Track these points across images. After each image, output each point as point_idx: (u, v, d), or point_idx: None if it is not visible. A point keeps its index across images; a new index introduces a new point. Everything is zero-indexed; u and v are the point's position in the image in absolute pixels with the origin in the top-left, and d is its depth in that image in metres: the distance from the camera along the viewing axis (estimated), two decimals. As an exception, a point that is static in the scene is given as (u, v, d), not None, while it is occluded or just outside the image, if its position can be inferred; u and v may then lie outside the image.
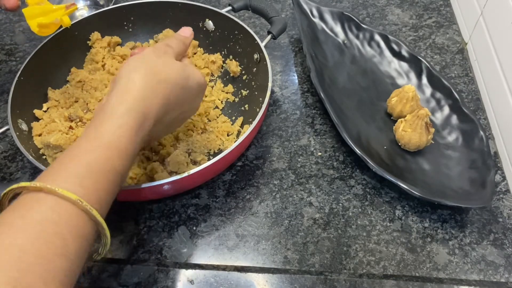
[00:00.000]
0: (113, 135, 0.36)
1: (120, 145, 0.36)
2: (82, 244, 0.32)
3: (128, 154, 0.37)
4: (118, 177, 0.36)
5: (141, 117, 0.38)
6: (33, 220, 0.30)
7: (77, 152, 0.35)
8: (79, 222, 0.32)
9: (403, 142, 0.57)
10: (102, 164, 0.35)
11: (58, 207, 0.31)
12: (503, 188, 0.56)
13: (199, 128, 0.59)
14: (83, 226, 0.32)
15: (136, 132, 0.38)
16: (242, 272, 0.49)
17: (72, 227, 0.31)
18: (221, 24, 0.65)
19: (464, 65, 0.70)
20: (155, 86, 0.39)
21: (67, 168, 0.34)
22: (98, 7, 0.82)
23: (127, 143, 0.37)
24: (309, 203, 0.54)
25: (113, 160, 0.36)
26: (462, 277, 0.48)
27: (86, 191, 0.33)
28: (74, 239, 0.31)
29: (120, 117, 0.37)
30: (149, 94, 0.39)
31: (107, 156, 0.35)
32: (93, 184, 0.34)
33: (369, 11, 0.80)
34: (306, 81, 0.69)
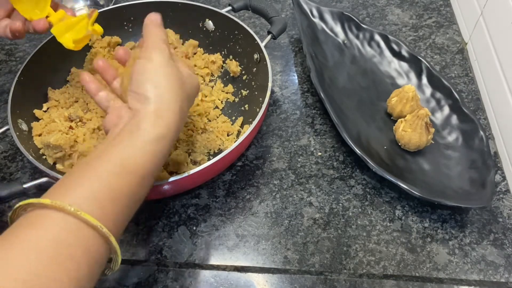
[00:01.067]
0: (138, 161, 0.34)
1: (144, 172, 0.35)
2: (95, 268, 0.31)
3: (149, 182, 0.36)
4: (136, 203, 0.35)
5: (170, 144, 0.37)
6: (46, 240, 0.29)
7: (97, 169, 0.33)
8: (95, 246, 0.31)
9: (403, 142, 0.57)
10: (123, 188, 0.33)
11: (75, 229, 0.30)
12: (503, 188, 0.56)
13: (199, 128, 0.59)
14: (98, 250, 0.31)
15: (161, 160, 0.37)
16: (242, 272, 0.49)
17: (87, 251, 0.30)
18: (221, 24, 0.65)
19: (464, 65, 0.70)
20: (182, 104, 0.38)
21: (85, 185, 0.32)
22: (98, 7, 0.82)
23: (150, 170, 0.36)
24: (309, 203, 0.54)
25: (133, 187, 0.34)
26: (462, 277, 0.48)
27: (104, 214, 0.31)
28: (87, 263, 0.30)
29: (150, 143, 0.35)
30: (179, 116, 0.38)
31: (129, 181, 0.34)
32: (111, 208, 0.32)
33: (369, 11, 0.80)
34: (306, 81, 0.69)
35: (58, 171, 0.53)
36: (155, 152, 0.35)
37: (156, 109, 0.36)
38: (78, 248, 0.30)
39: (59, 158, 0.54)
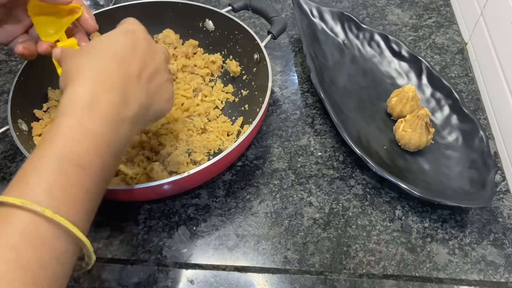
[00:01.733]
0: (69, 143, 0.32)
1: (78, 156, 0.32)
2: (42, 251, 0.29)
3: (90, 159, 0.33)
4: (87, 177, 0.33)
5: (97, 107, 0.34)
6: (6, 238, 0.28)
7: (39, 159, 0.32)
8: (53, 237, 0.29)
9: (403, 142, 0.57)
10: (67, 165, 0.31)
11: (25, 220, 0.29)
12: (503, 188, 0.56)
13: (199, 128, 0.59)
14: (53, 239, 0.29)
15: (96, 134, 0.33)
16: (242, 272, 0.49)
17: (47, 245, 0.29)
18: (221, 24, 0.65)
19: (464, 65, 0.70)
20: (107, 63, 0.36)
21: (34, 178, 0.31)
22: (98, 7, 0.82)
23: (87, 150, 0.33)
24: (309, 203, 0.54)
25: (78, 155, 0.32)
26: (462, 277, 0.48)
27: (56, 201, 0.30)
28: (30, 249, 0.28)
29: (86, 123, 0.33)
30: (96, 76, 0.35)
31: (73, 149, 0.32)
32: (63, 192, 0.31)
33: (369, 11, 0.80)
34: (306, 81, 0.69)
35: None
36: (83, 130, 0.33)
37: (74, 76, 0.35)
38: (38, 244, 0.29)
39: (59, 158, 0.54)
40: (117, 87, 0.35)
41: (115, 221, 0.52)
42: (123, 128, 0.35)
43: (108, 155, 0.34)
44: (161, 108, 0.40)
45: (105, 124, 0.33)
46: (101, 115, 0.33)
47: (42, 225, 0.29)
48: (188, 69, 0.66)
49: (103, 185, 0.34)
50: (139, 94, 0.36)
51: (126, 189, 0.46)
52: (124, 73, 0.36)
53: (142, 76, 0.37)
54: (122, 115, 0.35)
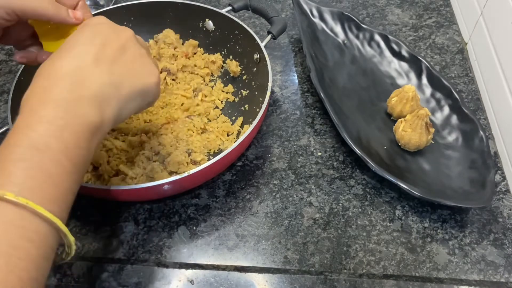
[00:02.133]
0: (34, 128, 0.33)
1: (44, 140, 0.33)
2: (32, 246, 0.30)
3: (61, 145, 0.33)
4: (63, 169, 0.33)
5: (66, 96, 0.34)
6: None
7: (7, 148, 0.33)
8: (21, 221, 0.30)
9: (403, 142, 0.57)
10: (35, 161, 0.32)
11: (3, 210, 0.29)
12: (503, 188, 0.56)
13: (199, 128, 0.59)
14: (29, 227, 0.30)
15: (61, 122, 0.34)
16: (242, 272, 0.49)
17: (16, 226, 0.30)
18: (221, 24, 0.65)
19: (464, 65, 0.70)
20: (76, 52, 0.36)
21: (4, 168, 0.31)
22: (98, 7, 0.82)
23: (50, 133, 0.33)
24: (309, 203, 0.54)
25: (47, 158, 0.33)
26: (462, 277, 0.48)
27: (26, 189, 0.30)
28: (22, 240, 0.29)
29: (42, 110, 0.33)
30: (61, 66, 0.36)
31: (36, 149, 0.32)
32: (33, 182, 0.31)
33: (369, 11, 0.80)
34: (306, 81, 0.69)
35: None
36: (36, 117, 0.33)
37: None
38: (2, 225, 0.29)
39: (59, 158, 0.54)
40: (67, 75, 0.35)
41: (115, 221, 0.52)
42: (82, 108, 0.35)
43: (68, 137, 0.34)
44: (143, 82, 0.40)
45: (56, 108, 0.34)
46: (52, 101, 0.34)
47: (6, 208, 0.30)
48: (188, 69, 0.66)
49: (73, 167, 0.34)
50: (98, 75, 0.37)
51: (126, 189, 0.46)
52: (77, 62, 0.36)
53: (101, 58, 0.37)
54: (75, 95, 0.35)
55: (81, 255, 0.49)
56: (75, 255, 0.46)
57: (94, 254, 0.50)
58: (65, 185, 0.33)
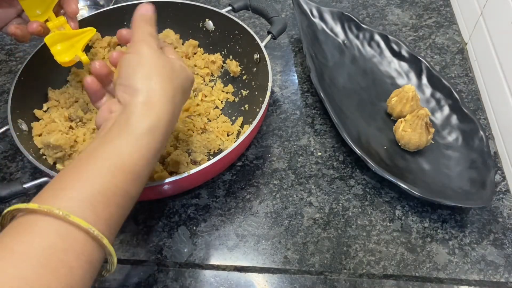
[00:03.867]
0: (131, 157, 0.33)
1: (137, 169, 0.33)
2: (89, 271, 0.30)
3: (144, 177, 0.34)
4: (130, 201, 0.34)
5: (164, 136, 0.35)
6: (37, 247, 0.28)
7: (87, 170, 0.32)
8: (87, 249, 0.30)
9: (403, 142, 0.57)
10: (115, 188, 0.32)
11: (66, 233, 0.29)
12: (503, 188, 0.56)
13: (199, 128, 0.59)
14: (91, 254, 0.30)
15: (155, 154, 0.35)
16: (242, 272, 0.49)
17: (80, 254, 0.29)
18: (221, 24, 0.65)
19: (464, 65, 0.70)
20: (175, 96, 0.37)
21: (75, 187, 0.31)
22: (98, 7, 0.82)
23: (145, 166, 0.34)
24: (309, 203, 0.54)
25: (127, 185, 0.33)
26: (462, 277, 0.48)
27: (96, 216, 0.30)
28: (80, 267, 0.29)
29: (141, 137, 0.34)
30: (171, 107, 0.36)
31: (121, 180, 0.32)
32: (104, 209, 0.31)
33: (369, 11, 0.80)
34: (306, 81, 0.69)
35: (58, 171, 0.53)
36: (147, 146, 0.34)
37: (145, 100, 0.35)
38: (70, 253, 0.29)
39: (59, 158, 0.54)
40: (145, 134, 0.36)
41: (115, 221, 0.52)
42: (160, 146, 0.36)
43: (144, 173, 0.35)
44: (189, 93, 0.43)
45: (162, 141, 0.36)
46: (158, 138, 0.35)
47: (95, 249, 0.31)
48: (188, 69, 0.66)
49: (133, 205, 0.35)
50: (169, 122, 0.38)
51: (126, 189, 0.46)
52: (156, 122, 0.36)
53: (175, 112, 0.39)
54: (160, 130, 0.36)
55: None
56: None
57: (94, 254, 0.50)
58: (127, 214, 0.35)
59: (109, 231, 0.32)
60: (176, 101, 0.37)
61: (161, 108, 0.35)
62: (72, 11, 0.49)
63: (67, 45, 0.51)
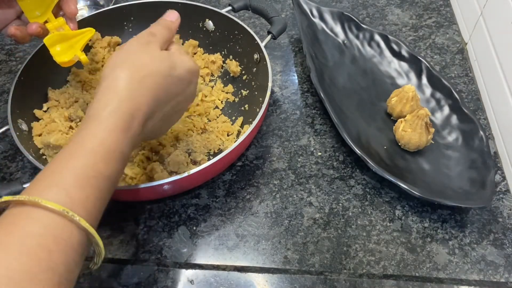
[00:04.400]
0: (96, 138, 0.34)
1: (105, 149, 0.35)
2: (70, 255, 0.31)
3: (115, 157, 0.35)
4: (106, 182, 0.35)
5: (127, 117, 0.36)
6: (17, 235, 0.29)
7: (62, 159, 0.34)
8: (66, 232, 0.31)
9: (403, 142, 0.57)
10: (87, 170, 0.33)
11: (43, 219, 0.30)
12: (503, 188, 0.56)
13: (199, 128, 0.59)
14: (70, 237, 0.31)
15: (123, 134, 0.36)
16: (242, 272, 0.49)
17: (58, 238, 0.30)
18: (221, 24, 0.65)
19: (464, 65, 0.70)
20: (141, 82, 0.38)
21: (53, 176, 0.33)
22: (98, 7, 0.82)
23: (113, 146, 0.35)
24: (309, 203, 0.54)
25: (98, 165, 0.34)
26: (462, 277, 0.48)
27: (72, 199, 0.31)
28: (60, 251, 0.30)
29: (105, 120, 0.35)
30: (135, 92, 0.37)
31: (91, 161, 0.34)
32: (79, 191, 0.32)
33: (369, 11, 0.80)
34: (306, 81, 0.69)
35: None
36: (112, 127, 0.35)
37: (107, 84, 0.37)
38: (48, 237, 0.30)
39: (59, 158, 0.54)
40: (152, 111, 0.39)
41: (115, 221, 0.52)
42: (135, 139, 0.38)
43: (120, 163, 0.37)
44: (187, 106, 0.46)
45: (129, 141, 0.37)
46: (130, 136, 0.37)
47: (73, 232, 0.31)
48: (188, 69, 0.66)
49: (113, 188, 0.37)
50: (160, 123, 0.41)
51: (126, 189, 0.46)
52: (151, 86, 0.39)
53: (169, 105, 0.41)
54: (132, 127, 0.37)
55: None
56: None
57: (94, 254, 0.50)
58: (106, 196, 0.35)
59: (87, 213, 0.32)
60: (155, 88, 0.38)
61: (122, 91, 0.37)
62: (71, 12, 0.50)
63: (66, 45, 0.51)
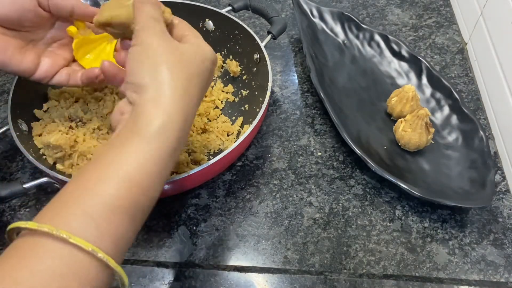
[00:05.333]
0: (141, 165, 0.29)
1: (148, 177, 0.30)
2: None
3: (157, 184, 0.31)
4: (141, 214, 0.31)
5: (179, 133, 0.31)
6: (37, 273, 0.25)
7: (91, 181, 0.29)
8: (91, 273, 0.27)
9: (403, 142, 0.57)
10: (122, 200, 0.29)
11: (68, 256, 0.26)
12: (503, 188, 0.56)
13: (199, 128, 0.59)
14: (96, 277, 0.27)
15: (171, 155, 0.31)
16: (242, 272, 0.49)
17: (83, 279, 0.27)
18: (221, 24, 0.65)
19: (464, 65, 0.70)
20: (189, 86, 0.33)
21: (78, 202, 0.28)
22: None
23: (158, 173, 0.30)
24: (309, 203, 0.54)
25: (137, 196, 0.29)
26: (462, 277, 0.48)
27: (100, 234, 0.27)
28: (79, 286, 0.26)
29: (152, 140, 0.30)
30: (186, 99, 0.32)
31: (130, 191, 0.29)
32: (109, 225, 0.28)
33: (369, 11, 0.80)
34: (306, 81, 0.69)
35: (58, 171, 0.53)
36: (160, 150, 0.30)
37: (153, 96, 0.31)
38: (72, 278, 0.26)
39: (59, 158, 0.54)
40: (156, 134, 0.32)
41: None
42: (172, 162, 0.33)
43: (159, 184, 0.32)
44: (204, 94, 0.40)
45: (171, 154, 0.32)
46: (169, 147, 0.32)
47: (99, 272, 0.27)
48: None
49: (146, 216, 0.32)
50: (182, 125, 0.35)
51: (126, 189, 0.46)
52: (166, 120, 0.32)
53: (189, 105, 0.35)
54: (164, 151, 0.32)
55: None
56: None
57: (94, 254, 0.50)
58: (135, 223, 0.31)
59: (116, 250, 0.28)
60: (192, 91, 0.34)
61: (173, 103, 0.31)
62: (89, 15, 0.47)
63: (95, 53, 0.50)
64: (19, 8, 0.40)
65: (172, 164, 0.32)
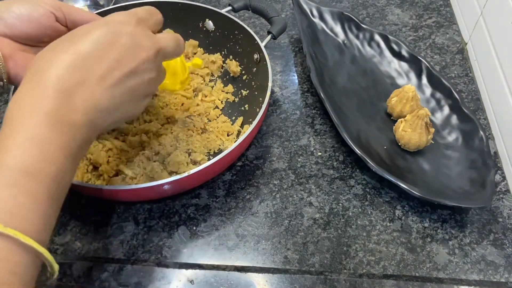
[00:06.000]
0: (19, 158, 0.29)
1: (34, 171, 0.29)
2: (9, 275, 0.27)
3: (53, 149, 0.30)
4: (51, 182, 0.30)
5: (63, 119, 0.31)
6: None
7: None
8: (3, 250, 0.27)
9: (403, 142, 0.57)
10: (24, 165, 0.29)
11: None
12: (503, 188, 0.56)
13: (199, 128, 0.59)
14: (10, 256, 0.27)
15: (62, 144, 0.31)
16: (242, 272, 0.49)
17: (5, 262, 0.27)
18: (221, 24, 0.65)
19: (464, 65, 0.70)
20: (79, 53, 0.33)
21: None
22: (98, 7, 0.82)
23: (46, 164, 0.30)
24: (309, 203, 0.54)
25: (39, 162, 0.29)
26: (462, 277, 0.48)
27: (11, 214, 0.28)
28: None
29: (32, 128, 0.30)
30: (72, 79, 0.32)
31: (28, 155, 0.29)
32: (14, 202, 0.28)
33: (369, 11, 0.80)
34: (306, 81, 0.69)
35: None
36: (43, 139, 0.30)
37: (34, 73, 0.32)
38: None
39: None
40: (65, 89, 0.32)
41: (115, 221, 0.52)
42: (77, 133, 0.32)
43: (60, 160, 0.31)
44: (133, 113, 0.38)
45: (51, 129, 0.31)
46: (45, 120, 0.31)
47: (13, 251, 0.27)
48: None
49: (59, 191, 0.32)
50: (95, 98, 0.33)
51: (126, 189, 0.46)
52: (81, 75, 0.33)
53: (107, 79, 0.34)
54: (68, 118, 0.32)
55: (81, 255, 0.49)
56: (75, 257, 0.46)
57: (94, 254, 0.50)
58: (51, 209, 0.31)
59: (29, 226, 0.28)
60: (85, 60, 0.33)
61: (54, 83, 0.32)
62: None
63: (182, 76, 0.53)
64: (37, 25, 0.40)
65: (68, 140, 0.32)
